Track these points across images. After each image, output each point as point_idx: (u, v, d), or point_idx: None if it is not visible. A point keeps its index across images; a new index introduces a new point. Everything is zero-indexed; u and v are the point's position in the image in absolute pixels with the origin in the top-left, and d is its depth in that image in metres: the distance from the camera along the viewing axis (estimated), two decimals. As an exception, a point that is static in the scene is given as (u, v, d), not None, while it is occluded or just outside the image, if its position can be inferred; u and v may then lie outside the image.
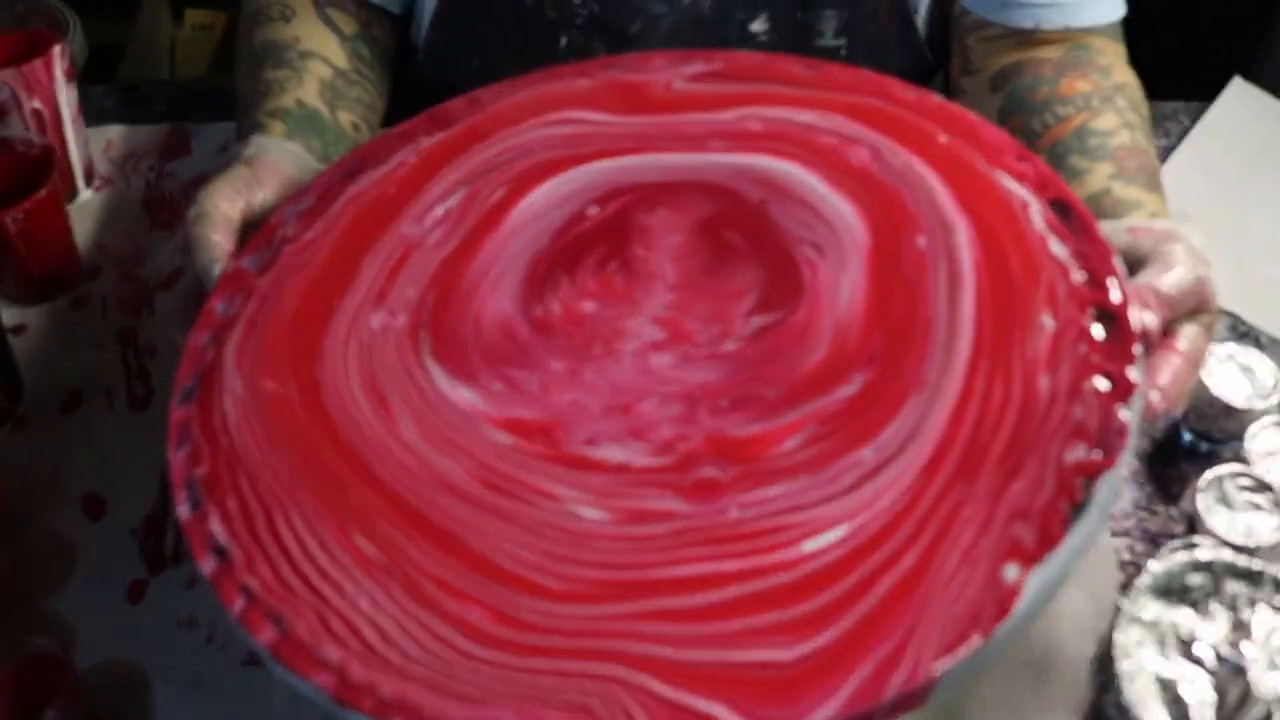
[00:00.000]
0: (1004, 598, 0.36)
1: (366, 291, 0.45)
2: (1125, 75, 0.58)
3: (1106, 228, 0.47)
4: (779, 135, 0.49)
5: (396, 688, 0.35)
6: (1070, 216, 0.44)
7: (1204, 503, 0.51)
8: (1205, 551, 0.44)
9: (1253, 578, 0.43)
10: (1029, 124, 0.56)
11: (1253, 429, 0.55)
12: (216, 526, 0.39)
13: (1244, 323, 0.64)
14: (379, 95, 0.62)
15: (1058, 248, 0.43)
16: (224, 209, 0.47)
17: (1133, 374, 0.40)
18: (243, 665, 0.49)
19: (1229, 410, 0.56)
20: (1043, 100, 0.57)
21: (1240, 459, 0.54)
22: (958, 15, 0.64)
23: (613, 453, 0.40)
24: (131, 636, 0.50)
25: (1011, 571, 0.36)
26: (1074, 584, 0.52)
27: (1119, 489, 0.39)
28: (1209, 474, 0.51)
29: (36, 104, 0.64)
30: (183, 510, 0.39)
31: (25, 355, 0.60)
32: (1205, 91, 0.77)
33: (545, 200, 0.48)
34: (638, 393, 0.42)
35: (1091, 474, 0.38)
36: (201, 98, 0.76)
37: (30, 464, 0.56)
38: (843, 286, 0.44)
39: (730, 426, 0.40)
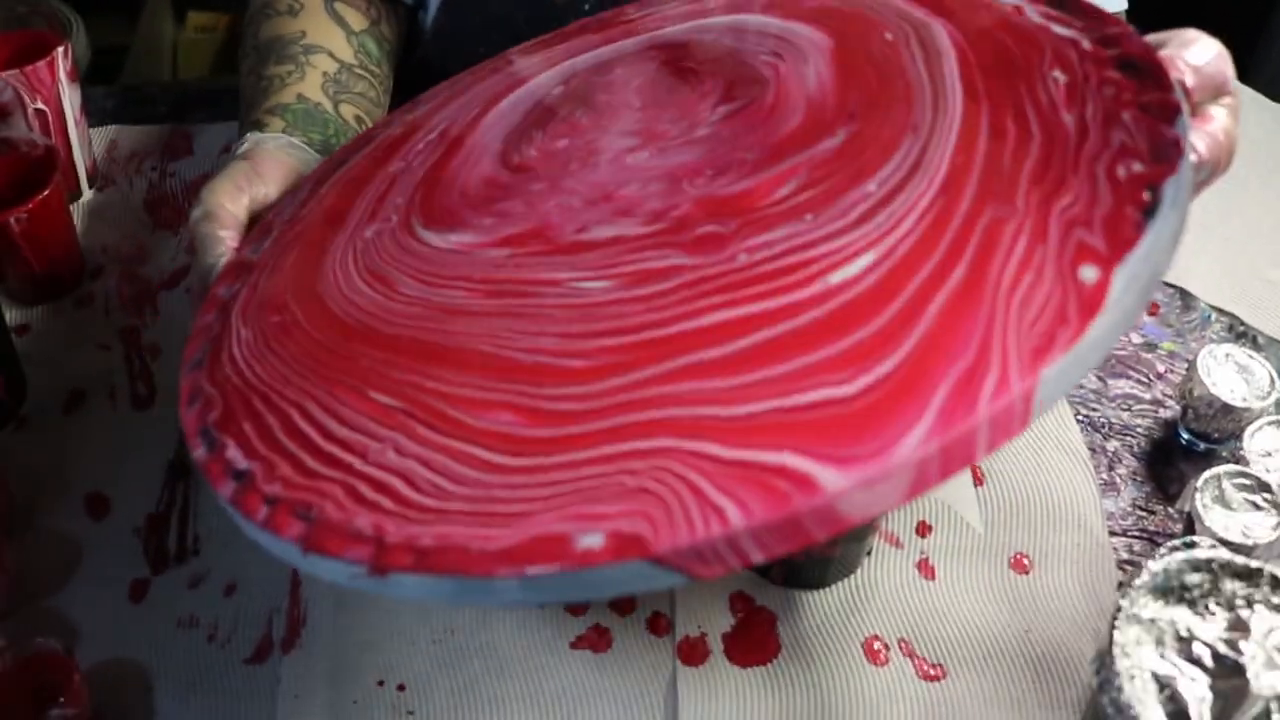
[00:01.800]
0: (1088, 296, 0.31)
1: (358, 219, 0.44)
2: None
3: None
4: (727, 6, 0.49)
5: (436, 532, 0.31)
6: (1068, 6, 0.41)
7: (1202, 502, 0.51)
8: (1203, 550, 0.44)
9: (1251, 576, 0.44)
10: None
11: (1250, 428, 0.55)
12: (234, 454, 0.36)
13: (1242, 323, 0.64)
14: (383, 92, 0.62)
15: (1061, 29, 0.39)
16: (229, 207, 0.48)
17: (1175, 97, 0.35)
18: (244, 664, 0.49)
19: (1227, 410, 0.56)
20: None
21: (1238, 458, 0.54)
22: None
23: (605, 231, 0.38)
24: (134, 635, 0.50)
25: (1089, 272, 0.31)
26: (1073, 583, 0.52)
27: (1187, 192, 0.33)
28: (1207, 473, 0.52)
29: (40, 105, 0.64)
30: (199, 454, 0.37)
31: (28, 355, 0.60)
32: (1203, 93, 0.77)
33: (512, 102, 0.48)
34: (618, 183, 0.40)
35: (1155, 182, 0.33)
36: (203, 99, 0.77)
37: (33, 463, 0.56)
38: (808, 74, 0.42)
39: (718, 189, 0.38)
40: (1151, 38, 0.42)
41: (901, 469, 0.29)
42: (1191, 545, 0.46)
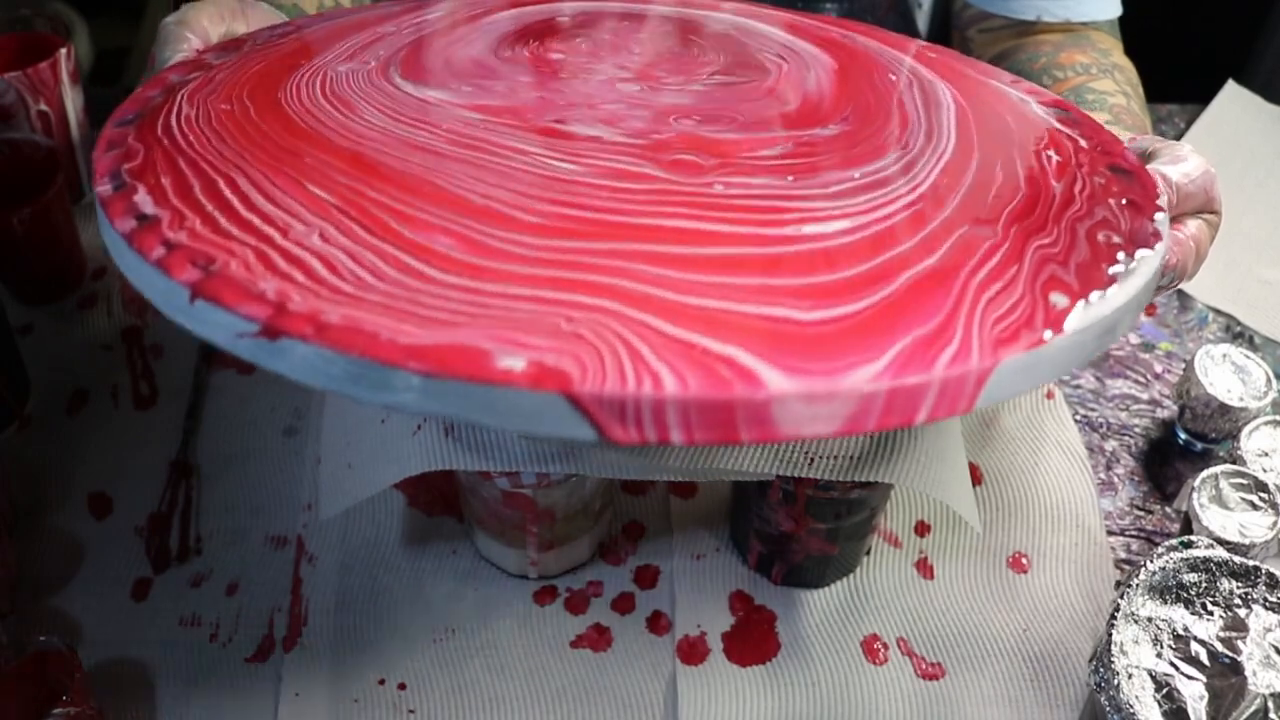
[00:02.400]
0: (1055, 315, 0.30)
1: (335, 55, 0.42)
2: (1124, 61, 0.59)
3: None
4: (752, 13, 0.49)
5: (345, 313, 0.28)
6: (1071, 115, 0.41)
7: (1199, 501, 0.51)
8: (1200, 550, 0.45)
9: (1248, 576, 0.44)
10: None
11: (1247, 428, 0.55)
12: (142, 198, 0.32)
13: (1238, 323, 0.64)
14: None
15: (1060, 125, 0.40)
16: (204, 24, 0.46)
17: (1158, 201, 0.35)
18: (246, 663, 0.49)
19: (1224, 409, 0.56)
20: (1041, 68, 0.57)
21: (1235, 458, 0.55)
22: (959, 10, 0.65)
23: (583, 129, 0.36)
24: (136, 634, 0.50)
25: (1059, 298, 0.31)
26: (1071, 582, 0.52)
27: (1157, 270, 0.33)
28: (1204, 473, 0.52)
29: (43, 106, 0.64)
30: (103, 189, 0.33)
31: (31, 355, 0.60)
32: (1200, 94, 0.77)
33: (519, 11, 0.47)
34: (604, 100, 0.38)
35: (1130, 252, 0.33)
36: (205, 100, 0.77)
37: (35, 463, 0.56)
38: (808, 77, 0.42)
39: (706, 132, 0.37)
40: (1144, 143, 0.42)
41: (846, 395, 0.27)
42: (1189, 545, 0.46)
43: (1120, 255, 0.33)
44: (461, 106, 0.38)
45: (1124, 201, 0.35)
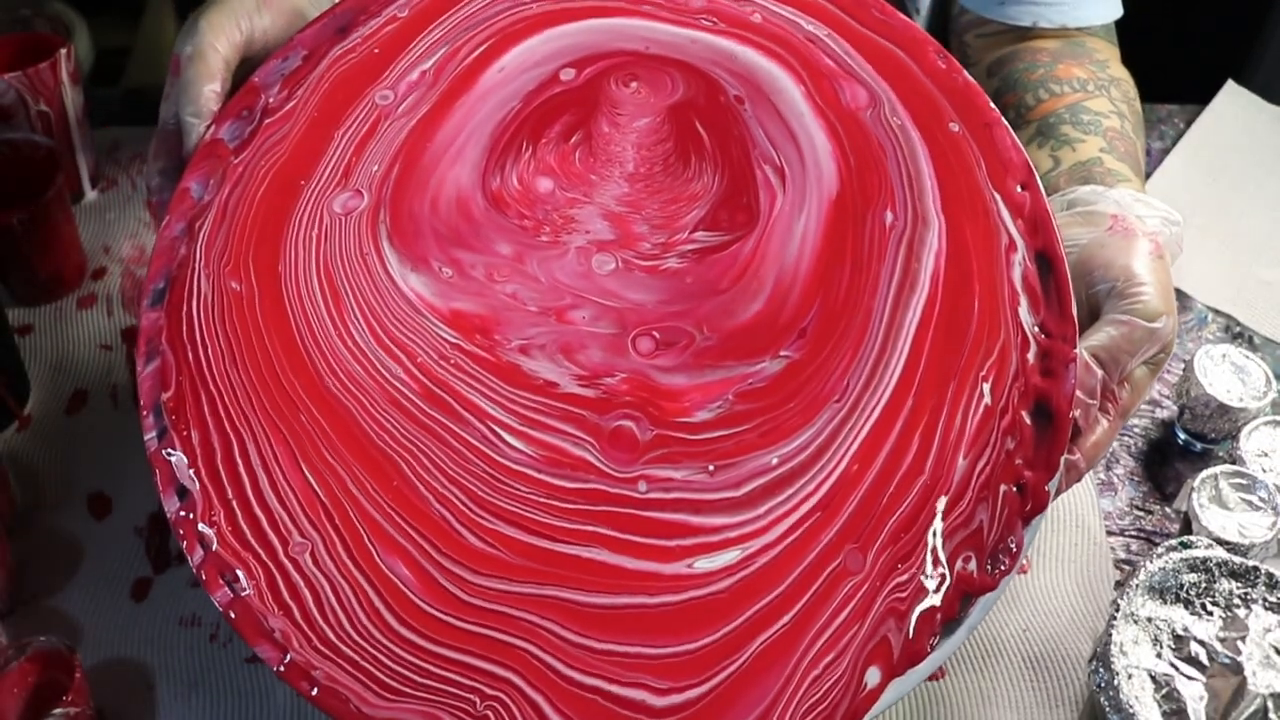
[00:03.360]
0: (860, 702, 0.37)
1: (332, 169, 0.44)
2: (1121, 72, 0.58)
3: (1095, 195, 0.46)
4: (779, 38, 0.47)
5: (329, 673, 0.38)
6: (1050, 279, 0.42)
7: (1198, 501, 0.51)
8: (1200, 550, 0.45)
9: (1247, 576, 0.44)
10: (1023, 99, 0.56)
11: (1246, 429, 0.55)
12: (179, 461, 0.40)
13: (1237, 323, 0.65)
14: None
15: (1026, 315, 0.41)
16: (220, 49, 0.46)
17: (1048, 489, 0.39)
18: (245, 664, 0.49)
19: (1223, 410, 0.56)
20: (1038, 79, 0.57)
21: (1234, 458, 0.55)
22: (956, 14, 0.64)
23: (543, 368, 0.41)
24: (135, 634, 0.50)
25: (873, 676, 0.37)
26: (1071, 582, 0.52)
27: (989, 609, 0.39)
28: (1203, 473, 0.52)
29: (42, 106, 0.64)
30: (150, 440, 0.41)
31: (31, 355, 0.60)
32: (1199, 95, 0.77)
33: (521, 60, 0.46)
34: (574, 298, 0.42)
35: (973, 593, 0.38)
36: (205, 100, 0.76)
37: (36, 463, 0.56)
38: (795, 230, 0.42)
39: (654, 371, 0.41)
40: (1118, 254, 0.43)
41: None
42: (1188, 545, 0.46)
43: (960, 602, 0.38)
44: (439, 315, 0.42)
45: (1015, 488, 0.39)
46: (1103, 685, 0.42)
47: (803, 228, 0.42)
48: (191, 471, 0.40)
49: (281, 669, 0.38)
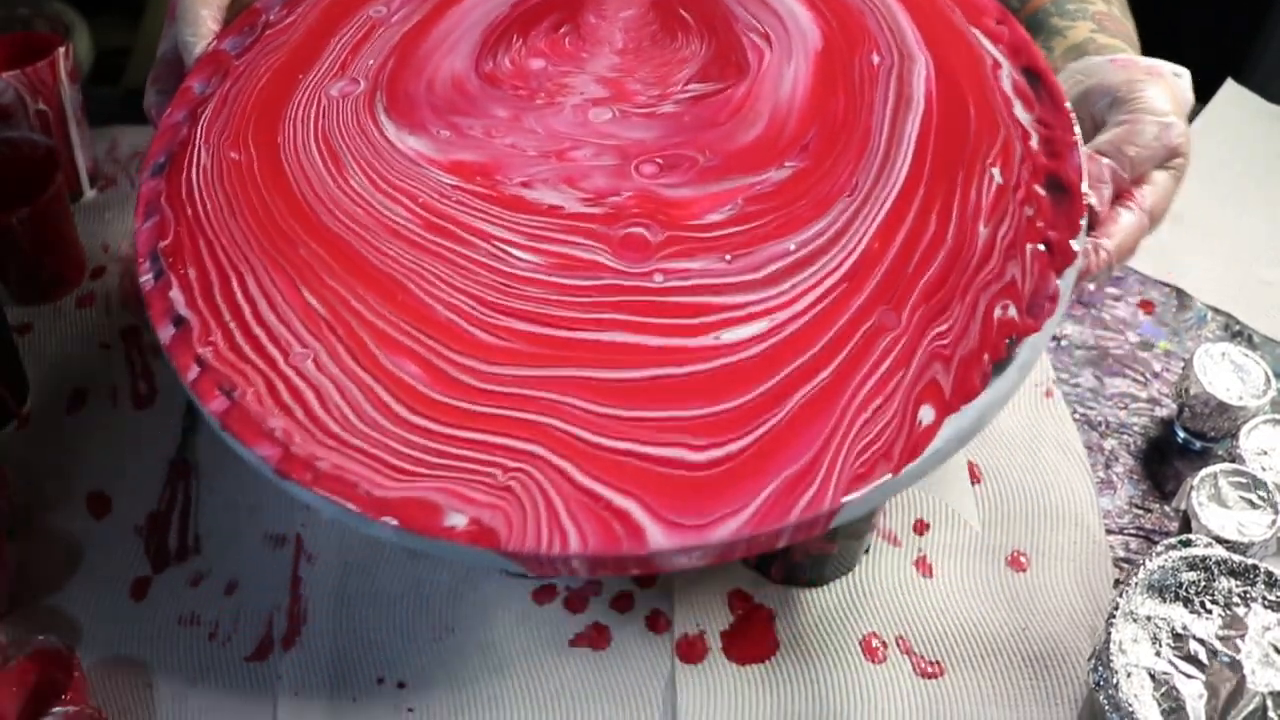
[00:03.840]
0: (917, 439, 0.35)
1: (329, 65, 0.47)
2: None
3: (1091, 62, 0.46)
4: None
5: (335, 462, 0.37)
6: (1040, 85, 0.43)
7: (1198, 500, 0.51)
8: (1199, 549, 0.45)
9: (1246, 574, 0.44)
10: (1008, 1, 0.56)
11: (1246, 427, 0.55)
12: (176, 295, 0.41)
13: (1237, 322, 0.65)
14: None
15: (1022, 112, 0.43)
16: None
17: (1074, 245, 0.39)
18: (245, 662, 0.49)
19: (1223, 408, 0.56)
20: None
21: (1234, 457, 0.55)
22: None
23: (546, 195, 0.42)
24: (135, 634, 0.50)
25: (927, 414, 0.36)
26: (1070, 581, 0.52)
27: (1041, 352, 0.38)
28: (1203, 472, 0.52)
29: (41, 105, 0.64)
30: (145, 280, 0.41)
31: (30, 354, 0.60)
32: (1199, 94, 0.77)
33: None
34: (573, 141, 0.43)
35: (1018, 335, 0.37)
36: (204, 100, 0.77)
37: (35, 462, 0.56)
38: (785, 75, 0.44)
39: (661, 188, 0.41)
40: (1118, 74, 0.44)
41: (713, 546, 0.35)
42: (1187, 543, 0.46)
43: (1007, 342, 0.37)
44: (438, 165, 0.43)
45: (1041, 247, 0.39)
46: (1102, 684, 0.42)
47: (793, 72, 0.44)
48: (188, 305, 0.40)
49: (279, 466, 0.36)
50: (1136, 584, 0.43)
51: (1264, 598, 0.43)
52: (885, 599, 0.51)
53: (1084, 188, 0.40)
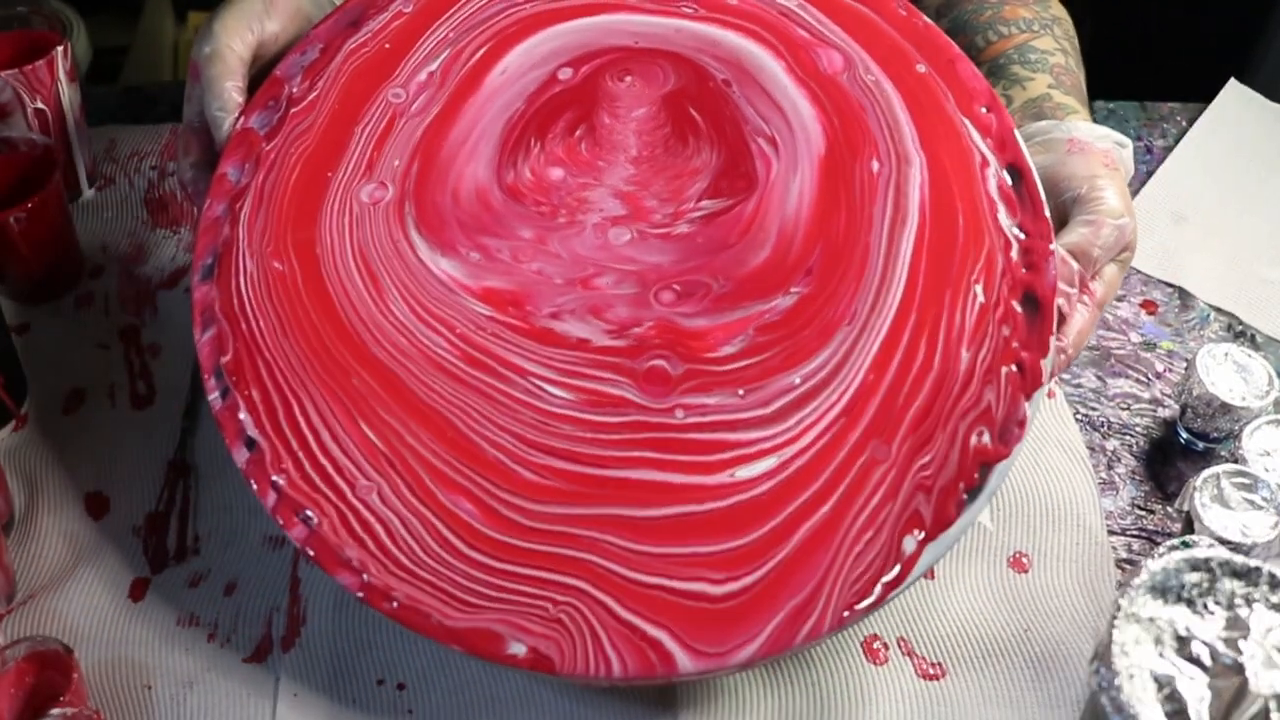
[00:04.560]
0: (903, 566, 0.41)
1: (356, 162, 0.48)
2: (1060, 10, 0.62)
3: (1049, 128, 0.51)
4: (755, 17, 0.51)
5: (408, 594, 0.42)
6: (1021, 186, 0.47)
7: (1200, 501, 0.51)
8: (1202, 549, 0.45)
9: (1249, 575, 0.44)
10: (973, 40, 0.60)
11: (1249, 428, 0.55)
12: (245, 418, 0.44)
13: (1240, 322, 0.64)
14: None
15: (1005, 218, 0.46)
16: (236, 49, 0.49)
17: (1044, 366, 0.43)
18: (244, 663, 0.49)
19: (1225, 409, 0.56)
20: (986, 21, 0.60)
21: (1236, 458, 0.54)
22: None
23: (574, 328, 0.45)
24: (133, 634, 0.50)
25: (910, 543, 0.41)
26: (1072, 582, 0.52)
27: (1006, 475, 0.43)
28: (1205, 472, 0.52)
29: (39, 105, 0.64)
30: (214, 400, 0.45)
31: (28, 354, 0.60)
32: (1201, 93, 0.77)
33: (521, 62, 0.50)
34: (596, 267, 0.46)
35: (989, 462, 0.42)
36: (203, 99, 0.76)
37: (33, 462, 0.56)
38: (792, 189, 0.47)
39: (678, 317, 0.45)
40: (1078, 168, 0.48)
41: (730, 668, 0.41)
42: (1190, 544, 0.46)
43: (978, 472, 0.42)
44: (471, 293, 0.46)
45: (1015, 368, 0.43)
46: (1104, 685, 0.41)
47: (799, 185, 0.47)
48: (257, 428, 0.44)
49: (361, 594, 0.41)
50: (1139, 585, 0.43)
51: (1267, 599, 0.43)
52: (886, 600, 0.51)
53: (1057, 302, 0.45)
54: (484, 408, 0.44)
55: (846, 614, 0.41)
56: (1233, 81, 0.78)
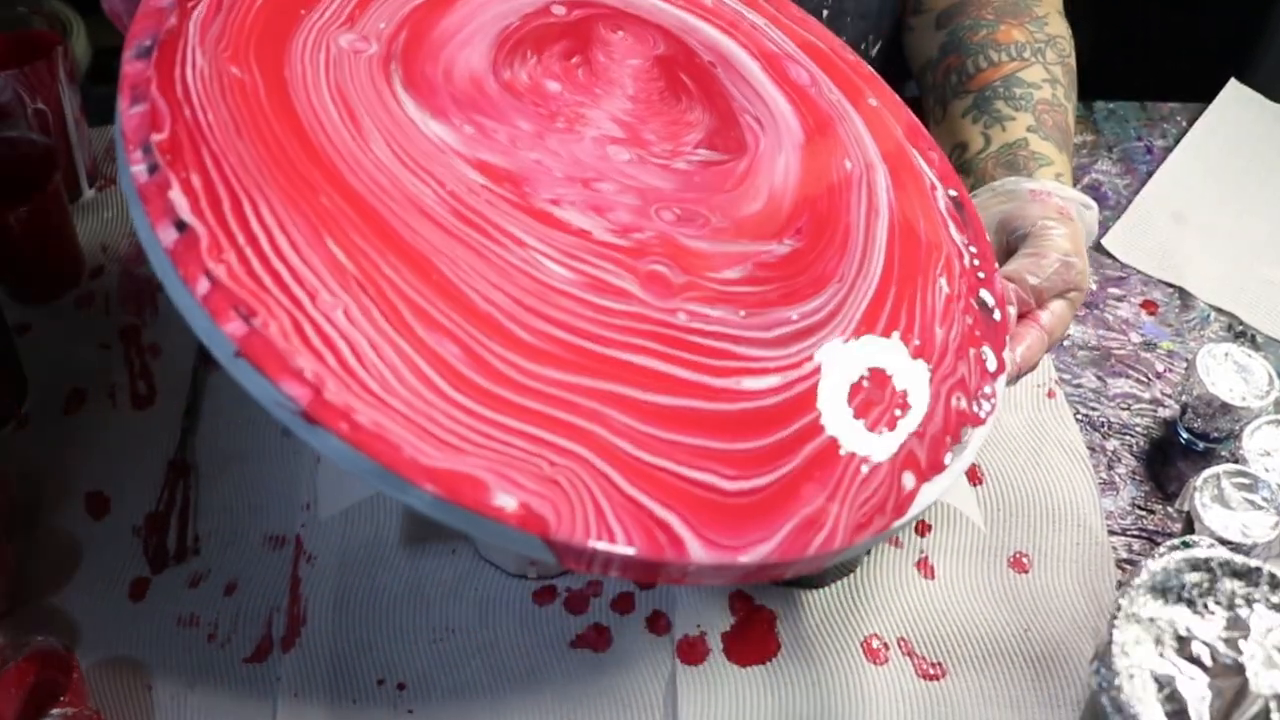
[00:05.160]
0: (903, 499, 0.40)
1: (336, 11, 0.44)
2: (1059, 27, 0.62)
3: (1014, 182, 0.53)
4: (731, 22, 0.53)
5: (374, 418, 0.33)
6: (964, 213, 0.49)
7: (1201, 501, 0.51)
8: (1202, 550, 0.44)
9: (1249, 576, 0.44)
10: (964, 64, 0.61)
11: (1249, 428, 0.55)
12: (178, 197, 0.36)
13: (1240, 322, 0.64)
14: None
15: (955, 233, 0.48)
16: None
17: (1005, 356, 0.45)
18: (244, 663, 0.49)
19: (1226, 409, 0.56)
20: (979, 43, 0.61)
21: (1237, 458, 0.54)
22: None
23: (575, 217, 0.42)
24: (133, 634, 0.50)
25: (909, 480, 0.40)
26: (1073, 582, 0.52)
27: (983, 441, 0.44)
28: (1206, 472, 0.52)
29: (40, 105, 0.64)
30: (138, 171, 0.36)
31: (29, 354, 0.60)
32: (1202, 93, 0.77)
33: None
34: (598, 173, 0.44)
35: (969, 425, 0.42)
36: (203, 98, 0.76)
37: (34, 462, 0.56)
38: (778, 163, 0.48)
39: (680, 236, 0.43)
40: (1033, 210, 0.51)
41: (741, 567, 0.37)
42: (1190, 544, 0.46)
43: (963, 430, 0.42)
44: (464, 159, 0.42)
45: (980, 351, 0.45)
46: (1105, 685, 0.41)
47: (784, 162, 0.48)
48: (194, 212, 0.35)
49: (310, 410, 0.33)
50: (1139, 585, 0.43)
51: (1267, 599, 0.43)
52: (887, 600, 0.51)
53: (1007, 308, 0.46)
54: (475, 263, 0.38)
55: (856, 537, 0.38)
56: (1233, 81, 0.78)
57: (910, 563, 0.52)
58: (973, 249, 0.48)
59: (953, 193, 0.50)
